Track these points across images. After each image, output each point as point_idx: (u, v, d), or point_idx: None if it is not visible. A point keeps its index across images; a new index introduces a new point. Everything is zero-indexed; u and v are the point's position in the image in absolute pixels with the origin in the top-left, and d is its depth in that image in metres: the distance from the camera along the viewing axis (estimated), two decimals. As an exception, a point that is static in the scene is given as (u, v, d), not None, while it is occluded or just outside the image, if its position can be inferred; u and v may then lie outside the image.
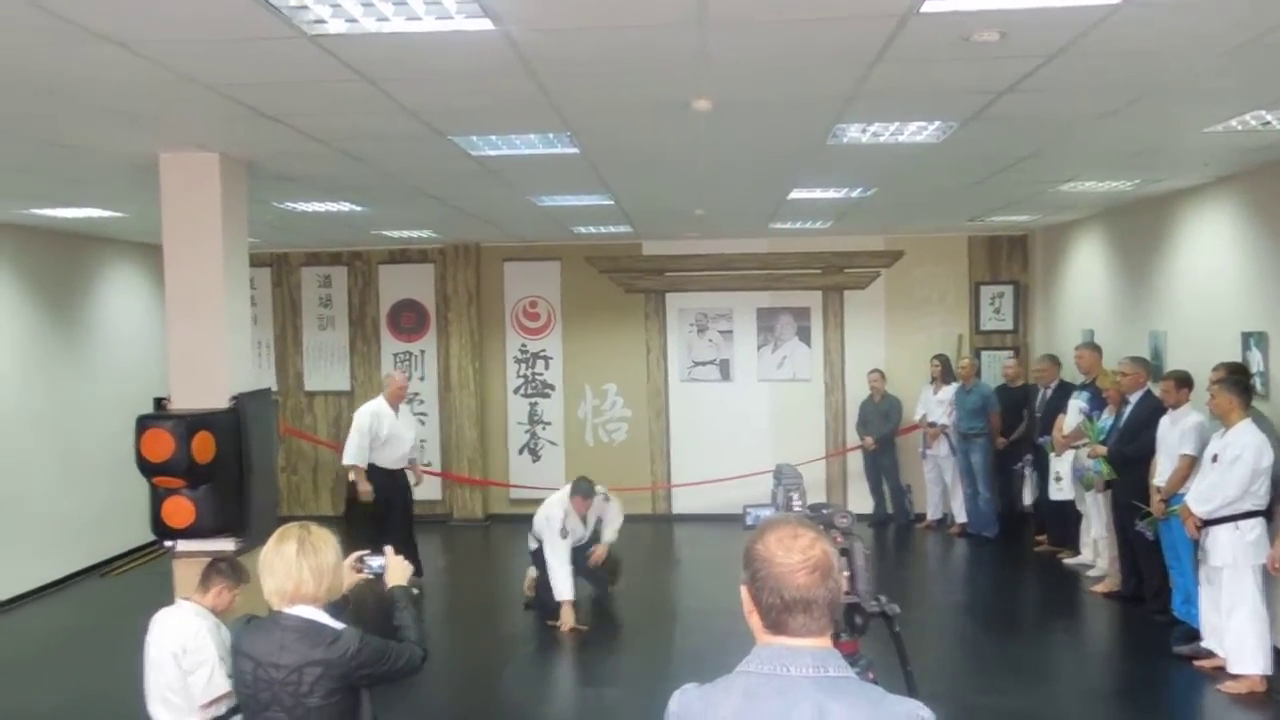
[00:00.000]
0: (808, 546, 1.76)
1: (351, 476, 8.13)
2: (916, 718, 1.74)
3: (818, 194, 7.43)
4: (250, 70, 3.75)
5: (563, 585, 7.22)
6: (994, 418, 9.71)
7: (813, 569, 1.74)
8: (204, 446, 4.94)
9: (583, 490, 7.56)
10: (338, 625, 2.78)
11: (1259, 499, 5.71)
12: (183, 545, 5.13)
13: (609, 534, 7.84)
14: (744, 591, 1.81)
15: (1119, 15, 3.23)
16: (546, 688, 6.29)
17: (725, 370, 11.08)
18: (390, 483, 8.28)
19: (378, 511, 8.10)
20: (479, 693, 6.20)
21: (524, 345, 11.19)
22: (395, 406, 8.34)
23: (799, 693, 1.71)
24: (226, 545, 4.99)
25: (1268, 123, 4.92)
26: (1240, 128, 5.01)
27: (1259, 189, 6.42)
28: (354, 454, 8.07)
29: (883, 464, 10.50)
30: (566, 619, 7.12)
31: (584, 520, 7.69)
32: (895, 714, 1.73)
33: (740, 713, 1.73)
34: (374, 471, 8.15)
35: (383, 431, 8.12)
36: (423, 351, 11.19)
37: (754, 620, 1.81)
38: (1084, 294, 9.41)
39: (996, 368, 10.45)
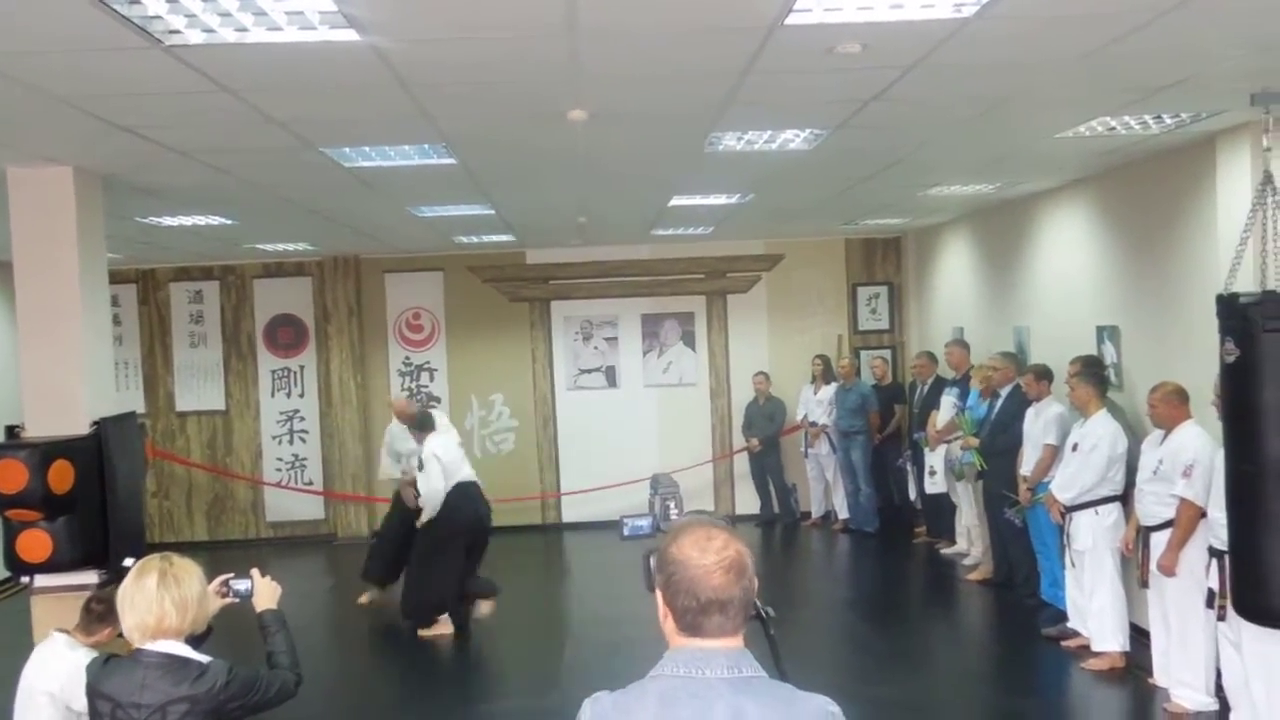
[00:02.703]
0: (722, 547, 1.78)
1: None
2: (826, 713, 1.81)
3: (698, 200, 7.53)
4: (101, 82, 3.58)
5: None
6: (873, 416, 10.01)
7: (728, 569, 1.77)
8: (61, 476, 4.70)
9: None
10: (203, 658, 2.69)
11: (1115, 485, 6.04)
12: (40, 580, 4.91)
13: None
14: (658, 596, 1.82)
15: (969, 29, 3.38)
16: (436, 705, 6.18)
17: (611, 377, 11.10)
18: None
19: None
20: (360, 714, 6.05)
21: (408, 358, 10.98)
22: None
23: (714, 694, 1.74)
24: (89, 578, 4.78)
25: (1112, 128, 5.22)
26: (1088, 133, 5.31)
27: (1108, 191, 6.81)
28: (382, 470, 8.63)
29: (768, 464, 10.70)
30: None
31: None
32: (806, 710, 1.79)
33: (657, 718, 1.74)
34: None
35: (403, 447, 8.17)
36: (302, 367, 10.86)
37: (668, 625, 1.82)
38: (953, 293, 9.79)
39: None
